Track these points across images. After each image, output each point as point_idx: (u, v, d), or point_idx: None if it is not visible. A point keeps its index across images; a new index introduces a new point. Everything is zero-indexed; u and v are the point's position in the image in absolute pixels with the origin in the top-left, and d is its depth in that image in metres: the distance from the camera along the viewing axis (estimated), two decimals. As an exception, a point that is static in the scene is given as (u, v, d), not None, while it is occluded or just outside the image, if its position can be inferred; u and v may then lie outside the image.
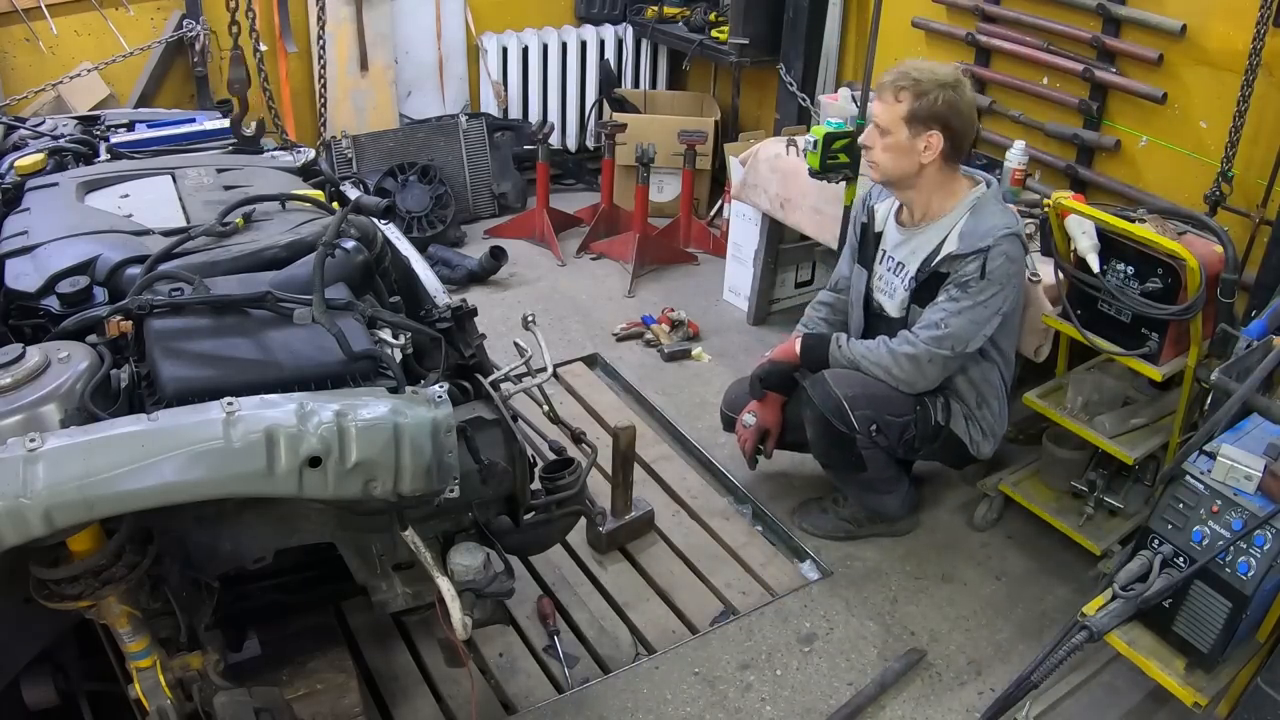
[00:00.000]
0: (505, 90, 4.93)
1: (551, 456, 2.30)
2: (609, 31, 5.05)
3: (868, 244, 2.73)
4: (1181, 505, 1.94)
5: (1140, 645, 2.04)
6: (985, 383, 2.62)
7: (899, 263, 2.62)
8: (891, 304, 2.65)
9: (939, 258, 2.49)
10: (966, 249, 2.43)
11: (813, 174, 3.14)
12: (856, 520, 2.84)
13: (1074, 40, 3.33)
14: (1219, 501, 1.88)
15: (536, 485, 2.08)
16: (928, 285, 2.52)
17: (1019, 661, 2.39)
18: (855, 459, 2.59)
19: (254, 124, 2.66)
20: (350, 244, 1.94)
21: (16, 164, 2.31)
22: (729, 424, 2.93)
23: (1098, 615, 1.99)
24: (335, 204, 2.25)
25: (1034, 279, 2.76)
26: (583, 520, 2.29)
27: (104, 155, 2.52)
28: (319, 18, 3.71)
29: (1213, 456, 1.90)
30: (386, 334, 1.80)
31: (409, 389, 1.61)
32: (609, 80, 4.97)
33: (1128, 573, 2.00)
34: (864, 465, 2.60)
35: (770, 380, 2.78)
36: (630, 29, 5.10)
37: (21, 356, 1.49)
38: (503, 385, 1.95)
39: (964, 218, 2.49)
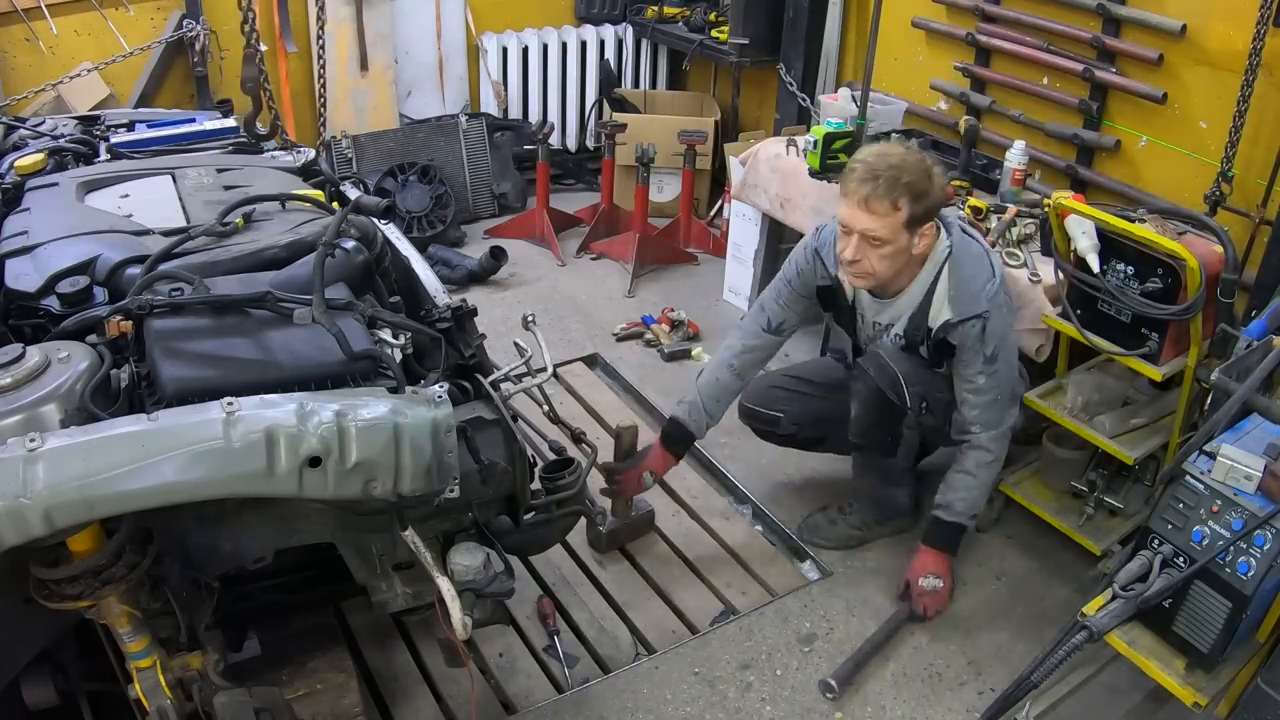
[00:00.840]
0: (505, 90, 4.93)
1: (551, 456, 2.30)
2: (609, 31, 5.05)
3: (841, 311, 2.61)
4: (1181, 505, 1.94)
5: (1140, 645, 2.04)
6: None
7: (884, 325, 2.56)
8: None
9: (937, 327, 2.41)
10: (963, 315, 2.36)
11: (813, 174, 3.15)
12: (865, 524, 2.82)
13: (1074, 40, 3.33)
14: (1219, 501, 1.88)
15: (536, 485, 2.08)
16: (937, 349, 2.48)
17: (1019, 661, 2.39)
18: (891, 441, 2.57)
19: (268, 123, 2.65)
20: (350, 244, 1.94)
21: (16, 164, 2.31)
22: (746, 415, 2.88)
23: (1098, 615, 1.99)
24: (335, 204, 2.25)
25: (1034, 279, 2.77)
26: (583, 520, 2.29)
27: (104, 155, 2.52)
28: (319, 18, 3.70)
29: (1213, 456, 1.90)
30: (386, 334, 1.80)
31: (409, 389, 1.61)
32: (609, 80, 4.97)
33: (1128, 573, 2.00)
34: (895, 449, 2.59)
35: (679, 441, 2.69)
36: (630, 29, 5.10)
37: (21, 356, 1.49)
38: (503, 385, 1.95)
39: (944, 279, 2.39)
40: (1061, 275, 2.60)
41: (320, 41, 3.75)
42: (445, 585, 1.71)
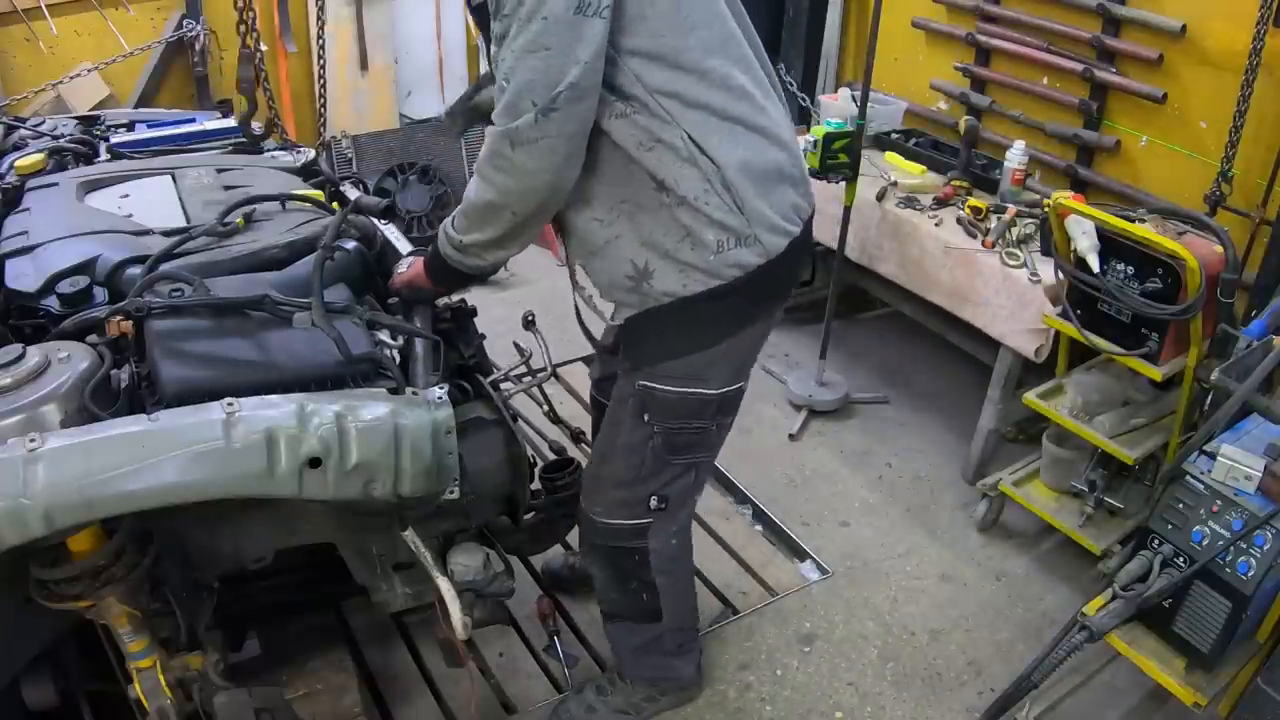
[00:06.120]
0: (505, 90, 4.92)
1: (551, 456, 2.29)
2: (609, 31, 5.04)
3: None
4: (1181, 505, 1.94)
5: (1140, 645, 2.04)
6: (675, 189, 1.60)
7: None
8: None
9: None
10: None
11: (813, 174, 3.13)
12: (634, 706, 2.23)
13: (1074, 40, 3.33)
14: (1219, 501, 1.88)
15: (536, 485, 2.08)
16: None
17: (1019, 661, 2.39)
18: (648, 599, 2.02)
19: (263, 123, 2.65)
20: (350, 244, 1.94)
21: (16, 164, 2.30)
22: None
23: (1098, 615, 1.99)
24: (335, 204, 2.25)
25: (1034, 279, 2.77)
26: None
27: (104, 155, 2.52)
28: (319, 18, 3.71)
29: (1213, 456, 1.90)
30: (386, 335, 1.80)
31: (409, 390, 1.61)
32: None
33: (1128, 573, 2.00)
34: (658, 609, 2.04)
35: None
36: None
37: (21, 356, 1.48)
38: (503, 385, 1.95)
39: None
40: (1061, 275, 2.60)
41: (320, 41, 3.76)
42: (445, 585, 1.71)
